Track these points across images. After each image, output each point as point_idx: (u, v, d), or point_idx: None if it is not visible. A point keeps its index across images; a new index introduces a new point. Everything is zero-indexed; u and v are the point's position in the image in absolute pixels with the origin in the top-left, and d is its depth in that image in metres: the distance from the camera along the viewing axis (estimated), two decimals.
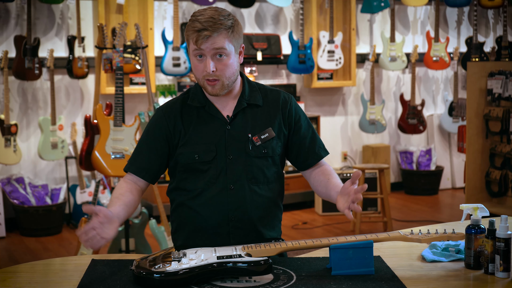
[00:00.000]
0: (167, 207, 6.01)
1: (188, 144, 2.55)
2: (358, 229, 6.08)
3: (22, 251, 5.80)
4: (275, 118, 2.62)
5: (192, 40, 2.46)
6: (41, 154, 6.32)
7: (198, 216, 2.56)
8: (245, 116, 2.60)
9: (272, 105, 2.64)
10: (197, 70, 2.51)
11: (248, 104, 2.61)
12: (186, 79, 6.97)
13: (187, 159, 2.55)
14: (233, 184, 2.54)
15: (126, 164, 2.63)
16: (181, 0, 6.94)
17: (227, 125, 2.57)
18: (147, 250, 5.09)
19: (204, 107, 2.59)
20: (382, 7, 7.46)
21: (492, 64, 6.32)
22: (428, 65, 7.83)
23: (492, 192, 6.16)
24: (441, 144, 8.18)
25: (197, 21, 2.46)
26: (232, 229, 2.54)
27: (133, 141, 4.91)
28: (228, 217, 2.54)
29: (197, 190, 2.56)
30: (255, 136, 2.57)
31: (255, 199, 2.57)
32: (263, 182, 2.59)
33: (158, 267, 2.18)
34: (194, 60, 2.50)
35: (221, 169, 2.54)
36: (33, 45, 6.24)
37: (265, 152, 2.58)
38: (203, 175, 2.55)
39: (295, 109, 2.68)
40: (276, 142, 2.60)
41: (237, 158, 2.55)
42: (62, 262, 2.50)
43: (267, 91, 2.68)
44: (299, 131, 2.66)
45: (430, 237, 2.38)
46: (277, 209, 2.67)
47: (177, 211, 2.63)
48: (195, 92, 2.62)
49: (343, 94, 7.85)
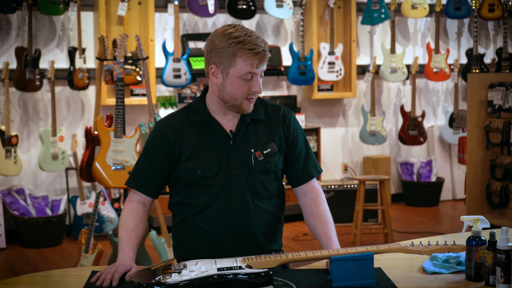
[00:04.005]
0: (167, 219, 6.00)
1: (191, 159, 2.55)
2: (358, 240, 6.07)
3: (23, 262, 5.79)
4: (276, 132, 2.63)
5: (248, 62, 2.45)
6: (41, 165, 6.32)
7: (202, 232, 2.56)
8: (247, 131, 2.60)
9: (273, 120, 2.64)
10: (240, 90, 2.50)
11: (251, 119, 2.60)
12: (187, 90, 6.98)
13: (190, 174, 2.54)
14: (237, 200, 2.54)
15: (128, 178, 2.64)
16: (182, 12, 6.96)
17: (230, 140, 2.57)
18: (148, 261, 5.09)
19: (206, 122, 2.58)
20: (383, 18, 7.48)
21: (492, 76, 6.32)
22: (429, 77, 7.84)
23: (492, 203, 6.15)
24: (442, 156, 8.18)
25: (252, 43, 2.45)
26: (236, 244, 2.54)
27: (133, 153, 4.91)
28: (233, 232, 2.54)
29: (201, 206, 2.55)
30: (258, 151, 2.57)
31: (258, 213, 2.57)
32: (266, 196, 2.59)
33: (159, 278, 2.18)
34: (239, 81, 2.48)
35: (224, 184, 2.54)
36: (34, 57, 6.25)
37: (268, 167, 2.58)
38: (206, 190, 2.55)
39: (294, 125, 2.68)
40: (278, 157, 2.61)
41: (240, 173, 2.55)
42: (62, 273, 2.49)
43: (268, 106, 2.68)
44: (295, 148, 2.66)
45: (431, 249, 2.38)
46: (279, 222, 2.68)
47: (180, 226, 2.63)
48: (197, 107, 2.61)
49: (343, 106, 7.85)
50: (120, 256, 2.43)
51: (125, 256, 2.42)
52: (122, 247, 2.46)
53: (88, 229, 5.04)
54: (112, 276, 2.27)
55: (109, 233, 5.24)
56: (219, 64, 2.50)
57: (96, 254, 5.01)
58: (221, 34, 2.49)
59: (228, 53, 2.46)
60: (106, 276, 2.27)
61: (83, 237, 5.08)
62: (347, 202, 6.79)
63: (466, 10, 7.80)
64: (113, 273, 2.28)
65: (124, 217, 2.55)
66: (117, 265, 2.33)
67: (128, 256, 2.42)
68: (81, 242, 5.07)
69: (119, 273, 2.28)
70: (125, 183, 2.64)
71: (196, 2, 6.72)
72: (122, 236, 2.49)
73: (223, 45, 2.47)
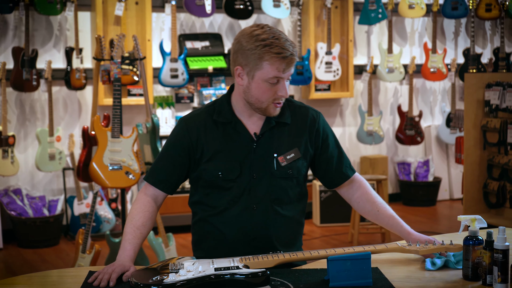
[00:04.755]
0: (165, 219, 6.01)
1: (213, 160, 2.51)
2: (356, 240, 6.07)
3: (20, 262, 5.79)
4: (302, 137, 2.57)
5: (275, 66, 2.39)
6: (38, 165, 6.32)
7: (219, 233, 2.54)
8: (272, 134, 2.54)
9: (300, 123, 2.58)
10: (266, 94, 2.44)
11: (277, 122, 2.55)
12: (184, 90, 6.97)
13: (211, 175, 2.51)
14: (256, 204, 2.51)
15: (146, 173, 2.62)
16: (179, 12, 6.95)
17: (254, 144, 2.52)
18: (145, 261, 5.08)
19: (230, 123, 2.53)
20: (380, 18, 7.49)
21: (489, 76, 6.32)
22: (426, 77, 7.85)
23: (490, 203, 6.16)
24: (439, 155, 8.18)
25: (280, 46, 2.39)
26: (252, 249, 2.50)
27: (130, 153, 4.91)
28: (250, 237, 2.51)
29: (220, 208, 2.53)
30: (281, 156, 2.53)
31: (277, 220, 2.53)
32: (286, 202, 2.55)
33: (156, 278, 2.18)
34: (265, 85, 2.43)
35: (244, 188, 2.51)
36: (31, 57, 6.25)
37: (290, 173, 2.54)
38: (226, 193, 2.52)
39: (323, 128, 2.62)
40: (301, 162, 2.56)
41: (261, 177, 2.51)
42: (59, 274, 2.49)
43: (296, 108, 2.61)
44: (326, 150, 2.61)
45: (428, 249, 2.38)
46: (299, 226, 2.65)
47: (199, 225, 2.61)
48: (222, 106, 2.56)
49: (340, 106, 7.86)
50: (120, 254, 2.42)
51: (125, 256, 2.41)
52: (124, 245, 2.45)
53: (85, 229, 5.03)
54: (109, 277, 2.26)
55: (106, 233, 5.23)
56: (245, 66, 2.45)
57: (93, 255, 5.01)
58: (248, 35, 2.43)
59: (255, 55, 2.40)
60: (103, 276, 2.26)
61: (80, 237, 5.07)
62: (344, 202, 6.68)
63: (463, 10, 7.81)
64: (111, 273, 2.28)
65: (134, 212, 2.52)
66: (115, 265, 2.32)
67: (128, 257, 2.41)
68: (78, 243, 5.06)
69: (117, 274, 2.28)
70: (143, 178, 2.62)
71: (193, 2, 6.71)
72: (128, 232, 2.47)
73: (250, 47, 2.41)
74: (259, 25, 2.46)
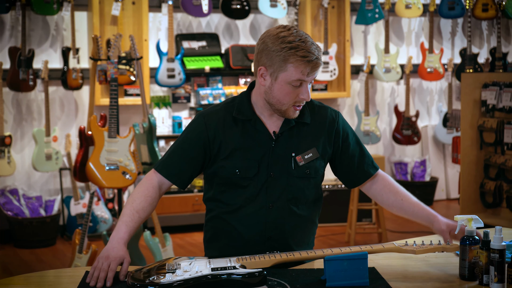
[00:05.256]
0: (161, 219, 6.01)
1: (230, 158, 2.50)
2: (352, 240, 6.07)
3: (16, 263, 5.78)
4: (320, 137, 2.56)
5: (299, 69, 2.38)
6: (35, 165, 6.31)
7: (234, 232, 2.53)
8: (291, 134, 2.53)
9: (319, 123, 2.58)
10: (288, 97, 2.43)
11: (296, 122, 2.54)
12: (181, 90, 6.97)
13: (228, 173, 2.50)
14: (273, 203, 2.50)
15: (158, 163, 2.58)
16: (176, 12, 6.95)
17: (272, 142, 2.51)
18: (142, 261, 5.08)
19: (250, 121, 2.52)
20: (377, 18, 7.49)
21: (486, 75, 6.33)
22: (423, 76, 7.85)
23: (486, 203, 6.16)
24: (436, 155, 8.19)
25: (306, 49, 2.38)
26: (267, 248, 2.50)
27: (127, 153, 4.91)
28: (265, 236, 2.50)
29: (236, 206, 2.52)
30: (299, 156, 2.52)
31: (293, 219, 2.53)
32: (303, 202, 2.55)
33: (153, 279, 2.18)
34: (288, 88, 2.41)
35: (261, 186, 2.50)
36: (27, 57, 6.24)
37: (308, 173, 2.53)
38: (242, 191, 2.51)
39: (343, 127, 2.62)
40: (319, 163, 2.56)
41: (279, 176, 2.50)
42: (56, 274, 2.49)
43: (315, 107, 2.61)
44: (347, 150, 2.61)
45: (425, 248, 2.39)
46: (313, 226, 2.64)
47: (213, 222, 2.59)
48: (241, 104, 2.55)
49: (337, 105, 7.86)
50: (113, 236, 2.38)
51: (118, 239, 2.36)
52: (120, 226, 2.40)
53: (82, 230, 5.03)
54: (105, 274, 2.25)
55: (103, 233, 5.23)
56: (269, 67, 2.43)
57: (90, 255, 5.00)
58: (275, 36, 2.41)
59: (280, 57, 2.39)
60: (100, 274, 2.25)
61: (77, 238, 5.07)
62: (341, 202, 6.79)
63: (459, 10, 7.81)
64: (107, 270, 2.26)
65: (136, 195, 2.48)
66: (110, 259, 2.28)
67: (121, 240, 2.36)
68: (75, 243, 5.06)
69: (113, 271, 2.26)
70: (154, 168, 2.57)
71: (190, 2, 6.71)
72: (126, 214, 2.43)
73: (275, 48, 2.39)
74: (286, 27, 2.44)
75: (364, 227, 6.50)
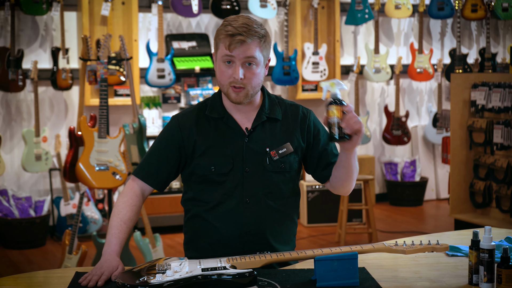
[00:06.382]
0: (152, 219, 6.00)
1: (205, 155, 2.54)
2: (343, 240, 6.08)
3: (5, 263, 5.76)
4: (294, 133, 2.60)
5: (224, 44, 2.45)
6: (24, 166, 6.29)
7: (213, 228, 2.55)
8: (264, 129, 2.58)
9: (291, 120, 2.62)
10: (223, 76, 2.48)
11: (268, 117, 2.58)
12: (171, 90, 6.96)
13: (204, 170, 2.53)
14: (249, 198, 2.53)
15: (136, 168, 2.63)
16: (166, 12, 6.94)
17: (245, 138, 2.55)
18: (132, 262, 5.07)
19: (222, 119, 2.57)
20: (366, 19, 7.51)
21: (475, 76, 6.36)
22: (412, 77, 7.87)
23: (476, 203, 6.19)
24: (426, 155, 8.21)
25: (231, 25, 2.45)
26: (246, 243, 2.52)
27: (117, 153, 4.90)
28: (244, 231, 2.52)
29: (214, 202, 2.54)
30: (273, 151, 2.55)
31: (270, 214, 2.55)
32: (279, 197, 2.57)
33: (143, 279, 2.17)
34: (221, 66, 2.48)
35: (237, 182, 2.53)
36: (16, 57, 6.22)
37: (283, 167, 2.56)
38: (219, 187, 2.53)
39: (314, 123, 2.65)
40: (294, 157, 2.59)
41: (254, 172, 2.53)
42: (45, 275, 2.48)
43: (287, 106, 2.65)
44: (317, 146, 2.63)
45: (415, 248, 2.39)
46: (292, 224, 2.65)
47: (192, 222, 2.61)
48: (214, 103, 2.60)
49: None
50: (105, 249, 2.41)
51: (111, 252, 2.39)
52: (111, 240, 2.43)
53: (72, 230, 5.02)
54: (98, 278, 2.26)
55: (93, 234, 5.22)
56: (214, 51, 2.54)
57: (80, 255, 4.99)
58: None
59: (216, 37, 2.51)
60: (92, 278, 2.26)
61: (66, 238, 5.05)
62: (331, 202, 6.80)
63: (449, 11, 7.84)
64: (100, 276, 2.27)
65: (121, 205, 2.52)
66: (104, 268, 2.31)
67: (113, 252, 2.39)
68: (65, 243, 5.05)
69: (106, 276, 2.27)
70: (132, 173, 2.63)
71: (180, 2, 6.71)
72: (113, 226, 2.46)
73: (217, 32, 2.52)
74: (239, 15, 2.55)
75: (355, 227, 6.51)
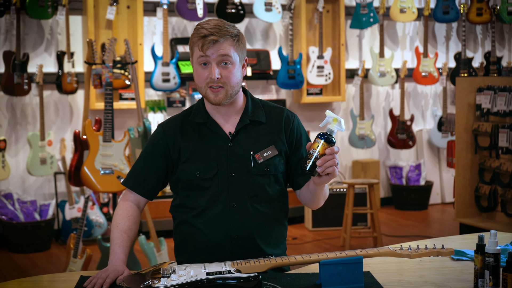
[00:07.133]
0: (156, 223, 6.00)
1: (190, 161, 2.55)
2: (348, 244, 6.07)
3: (10, 267, 5.77)
4: (278, 136, 2.60)
5: (197, 46, 2.47)
6: (29, 169, 6.30)
7: (201, 234, 2.55)
8: (247, 133, 2.58)
9: (275, 123, 2.62)
10: (200, 78, 2.50)
11: (251, 121, 2.59)
12: (176, 94, 6.97)
13: (188, 175, 2.54)
14: (236, 202, 2.53)
15: (125, 178, 2.66)
16: (171, 16, 6.95)
17: (229, 142, 2.56)
18: (137, 266, 5.07)
19: (206, 124, 2.58)
20: (371, 22, 7.50)
21: (480, 80, 6.35)
22: (417, 81, 7.86)
23: (481, 207, 6.17)
24: (431, 159, 8.20)
25: (203, 28, 2.47)
26: (235, 247, 2.53)
27: (122, 157, 4.90)
28: (231, 235, 2.53)
29: (200, 208, 2.55)
30: (257, 154, 2.56)
31: (257, 217, 2.55)
32: (265, 200, 2.57)
33: (148, 283, 2.17)
34: (198, 68, 2.50)
35: (223, 186, 2.53)
36: (22, 61, 6.23)
37: (267, 170, 2.56)
38: (205, 192, 2.54)
39: (297, 128, 2.66)
40: (278, 159, 2.59)
41: (239, 175, 2.54)
42: (50, 278, 2.48)
43: (271, 108, 2.66)
44: (298, 150, 2.64)
45: (420, 253, 2.38)
46: (281, 227, 2.65)
47: (180, 229, 2.63)
48: (198, 108, 2.62)
49: (332, 110, 7.86)
50: (111, 259, 2.43)
51: (117, 260, 2.41)
52: (114, 249, 2.45)
53: (77, 234, 5.02)
54: (103, 281, 2.26)
55: (98, 238, 5.22)
56: (190, 56, 2.55)
57: (85, 259, 4.99)
58: None
59: (190, 42, 2.52)
60: (97, 281, 2.26)
61: (71, 242, 5.06)
62: (336, 206, 6.79)
63: (454, 14, 7.83)
64: (105, 278, 2.27)
65: (118, 217, 2.54)
66: (109, 271, 2.32)
67: (119, 260, 2.41)
68: (70, 247, 5.05)
69: (111, 279, 2.28)
70: (121, 182, 2.65)
71: (185, 6, 6.71)
72: (115, 237, 2.49)
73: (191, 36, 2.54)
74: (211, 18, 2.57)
75: (359, 231, 6.50)
